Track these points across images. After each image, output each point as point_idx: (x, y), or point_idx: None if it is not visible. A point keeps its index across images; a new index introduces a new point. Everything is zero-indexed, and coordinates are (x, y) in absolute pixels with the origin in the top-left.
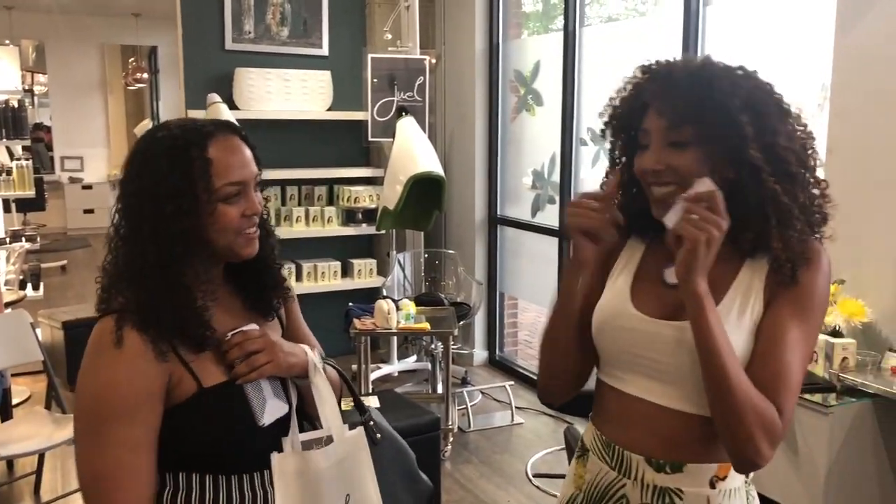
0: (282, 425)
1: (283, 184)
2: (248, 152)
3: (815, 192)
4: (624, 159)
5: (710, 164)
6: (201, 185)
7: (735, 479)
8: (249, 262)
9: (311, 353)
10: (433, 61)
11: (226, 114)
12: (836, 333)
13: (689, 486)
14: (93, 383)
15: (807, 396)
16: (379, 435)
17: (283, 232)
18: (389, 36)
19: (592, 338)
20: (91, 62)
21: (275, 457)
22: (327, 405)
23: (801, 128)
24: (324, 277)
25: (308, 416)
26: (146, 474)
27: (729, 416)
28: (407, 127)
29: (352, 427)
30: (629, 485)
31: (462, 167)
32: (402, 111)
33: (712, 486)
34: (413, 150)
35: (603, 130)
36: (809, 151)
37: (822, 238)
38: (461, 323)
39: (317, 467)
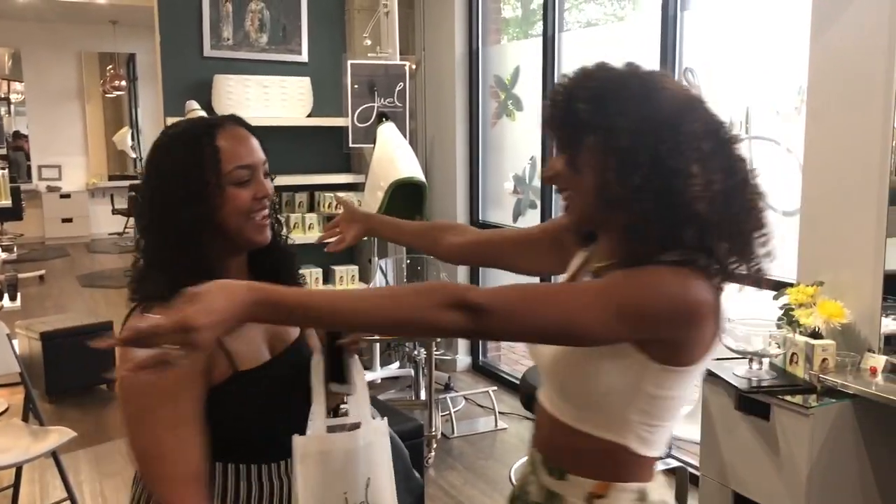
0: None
1: None
2: (254, 140)
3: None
4: None
5: (579, 168)
6: (212, 170)
7: (619, 501)
8: (268, 255)
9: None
10: (413, 67)
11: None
12: (815, 335)
13: (570, 497)
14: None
15: (787, 398)
16: None
17: None
18: (369, 42)
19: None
20: (68, 70)
21: (297, 438)
22: (359, 395)
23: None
24: (305, 284)
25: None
26: (196, 449)
27: (422, 326)
28: (387, 133)
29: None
30: (534, 481)
31: (443, 172)
32: (382, 117)
33: (589, 501)
34: (394, 156)
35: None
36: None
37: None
38: None
39: (343, 447)
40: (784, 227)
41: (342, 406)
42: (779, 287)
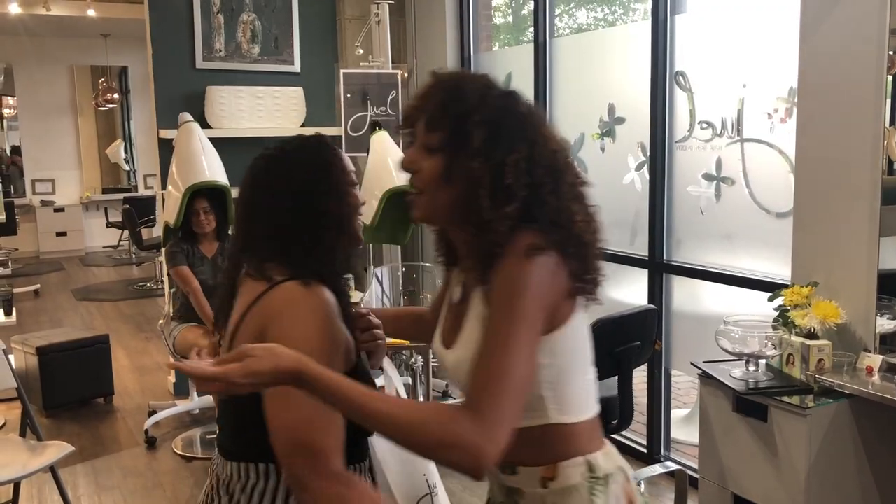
0: None
1: None
2: None
3: (565, 215)
4: None
5: (447, 175)
6: (344, 174)
7: (570, 477)
8: None
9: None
10: (406, 75)
11: (198, 133)
12: (811, 335)
13: (526, 487)
14: (310, 331)
15: (785, 398)
16: None
17: None
18: (361, 51)
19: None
20: (60, 84)
21: (372, 439)
22: (398, 389)
23: (554, 151)
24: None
25: None
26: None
27: (412, 450)
28: (381, 141)
29: None
30: (495, 482)
31: None
32: (375, 126)
33: (544, 486)
34: (388, 165)
35: (400, 129)
36: (557, 172)
37: (577, 260)
38: None
39: (382, 447)
40: (777, 227)
41: None
42: (774, 288)
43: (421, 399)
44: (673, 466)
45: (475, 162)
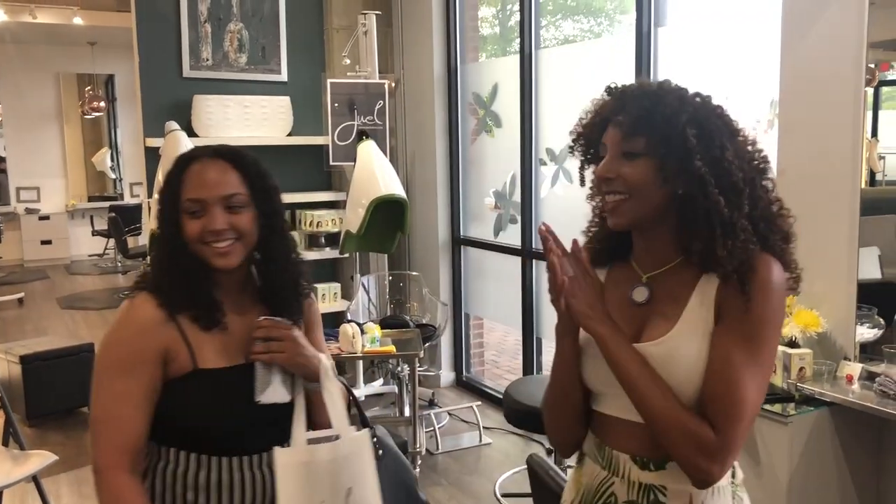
0: (279, 417)
1: None
2: (226, 175)
3: (773, 209)
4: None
5: (659, 176)
6: (174, 199)
7: (721, 478)
8: (269, 275)
9: (326, 363)
10: (392, 85)
11: (184, 141)
12: (792, 344)
13: (673, 483)
14: (105, 338)
15: (766, 406)
16: (381, 451)
17: None
18: (348, 61)
19: None
20: (46, 91)
21: (276, 451)
22: (337, 408)
23: (751, 146)
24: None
25: (314, 423)
26: (132, 425)
27: (661, 438)
28: (368, 150)
29: None
30: (617, 482)
31: (424, 189)
32: (362, 135)
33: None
34: (375, 173)
35: (571, 149)
36: (761, 168)
37: (787, 257)
38: (427, 345)
39: (321, 458)
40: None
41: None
42: None
43: (407, 409)
44: None
45: (696, 161)
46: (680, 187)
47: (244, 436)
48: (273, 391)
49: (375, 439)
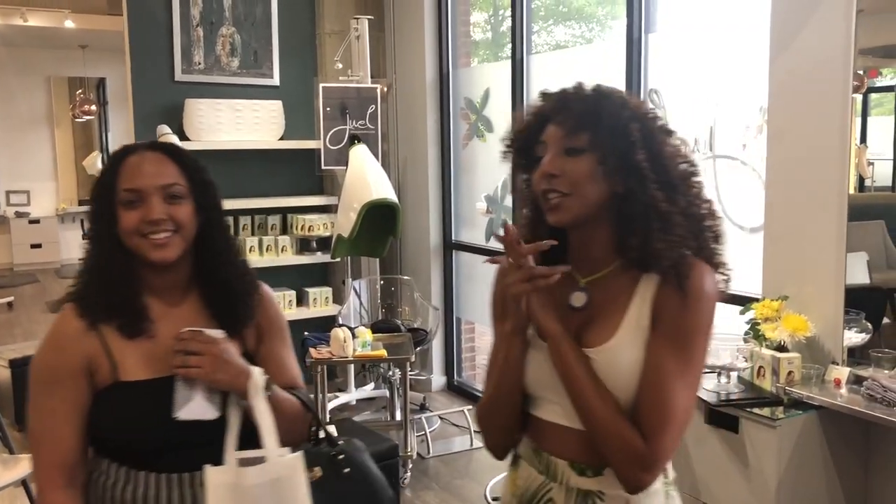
0: (207, 433)
1: (236, 213)
2: (163, 166)
3: (704, 208)
4: (527, 189)
5: (601, 172)
6: (109, 191)
7: (652, 484)
8: (210, 275)
9: (257, 379)
10: (384, 90)
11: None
12: (781, 348)
13: (610, 489)
14: (35, 354)
15: (755, 410)
16: (347, 469)
17: None
18: (340, 65)
19: None
20: (37, 94)
21: (208, 469)
22: (264, 428)
23: (684, 148)
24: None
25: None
26: (63, 441)
27: (600, 444)
28: (360, 155)
29: (315, 457)
30: (555, 488)
31: (416, 193)
32: (354, 139)
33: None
34: (366, 178)
35: (504, 152)
36: (691, 169)
37: (717, 259)
38: (418, 349)
39: (249, 482)
40: (749, 243)
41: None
42: (745, 302)
43: (399, 413)
44: None
45: (638, 154)
46: (620, 183)
47: (172, 452)
48: (194, 407)
49: (342, 457)
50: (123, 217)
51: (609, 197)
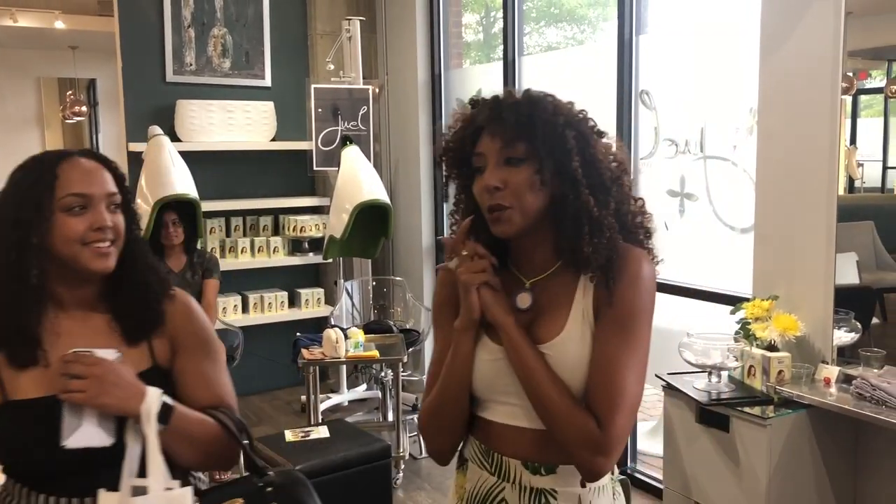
0: (107, 458)
1: (228, 215)
2: (103, 174)
3: (635, 206)
4: (463, 196)
5: (539, 180)
6: (45, 196)
7: (603, 477)
8: (123, 286)
9: (151, 402)
10: (376, 91)
11: (167, 146)
12: (771, 347)
13: (563, 487)
14: None
15: (746, 409)
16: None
17: (228, 263)
18: (332, 66)
19: None
20: (27, 96)
21: (101, 493)
22: (150, 457)
23: (615, 147)
24: (270, 308)
25: (181, 468)
26: None
27: (556, 434)
28: (352, 156)
29: (239, 488)
30: (508, 488)
31: (408, 194)
32: (346, 140)
33: (583, 485)
34: (358, 179)
35: (437, 163)
36: (622, 168)
37: (650, 251)
38: (410, 350)
39: None
40: (740, 243)
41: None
42: (735, 302)
43: (391, 414)
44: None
45: (574, 161)
46: (555, 190)
47: (72, 475)
48: (82, 435)
49: (270, 489)
50: (66, 223)
51: (547, 203)
